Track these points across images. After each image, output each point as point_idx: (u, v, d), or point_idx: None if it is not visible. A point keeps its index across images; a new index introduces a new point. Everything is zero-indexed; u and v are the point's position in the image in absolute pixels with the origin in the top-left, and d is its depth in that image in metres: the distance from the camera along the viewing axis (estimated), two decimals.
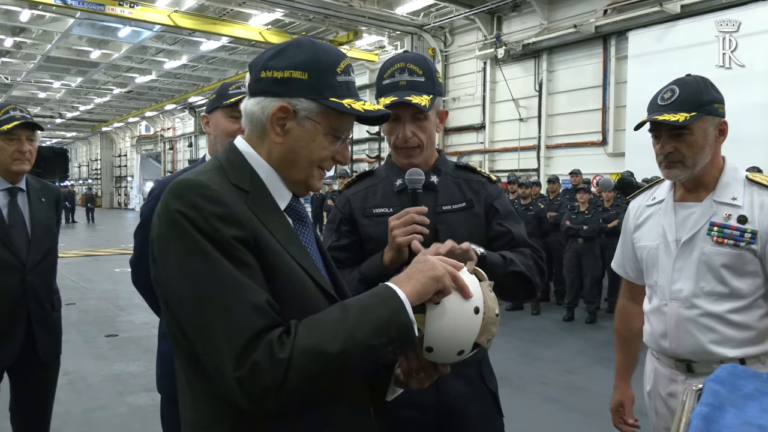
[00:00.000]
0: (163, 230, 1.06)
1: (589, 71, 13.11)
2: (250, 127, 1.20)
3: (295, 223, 1.23)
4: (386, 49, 17.78)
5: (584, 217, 7.73)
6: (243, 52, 20.43)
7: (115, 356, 5.97)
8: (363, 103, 1.20)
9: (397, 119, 1.73)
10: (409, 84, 1.72)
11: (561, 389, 5.15)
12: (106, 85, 27.35)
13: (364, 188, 1.87)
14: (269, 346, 0.97)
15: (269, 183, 1.18)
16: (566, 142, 13.67)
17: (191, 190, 1.06)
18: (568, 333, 7.21)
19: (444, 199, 1.80)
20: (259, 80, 1.17)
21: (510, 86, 14.52)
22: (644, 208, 2.05)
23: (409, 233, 1.58)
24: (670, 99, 1.83)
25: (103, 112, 35.72)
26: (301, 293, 1.11)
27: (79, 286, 10.07)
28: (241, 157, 1.18)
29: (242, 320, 0.99)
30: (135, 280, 2.27)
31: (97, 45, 20.49)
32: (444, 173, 1.84)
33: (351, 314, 1.03)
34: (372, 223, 1.79)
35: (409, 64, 1.74)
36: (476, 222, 1.80)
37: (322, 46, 1.19)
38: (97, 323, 7.38)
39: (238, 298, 1.00)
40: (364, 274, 1.69)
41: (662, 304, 1.92)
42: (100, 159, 45.03)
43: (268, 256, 1.07)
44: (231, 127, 2.14)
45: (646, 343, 2.06)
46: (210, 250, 1.01)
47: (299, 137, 1.16)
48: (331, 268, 1.31)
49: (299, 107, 1.15)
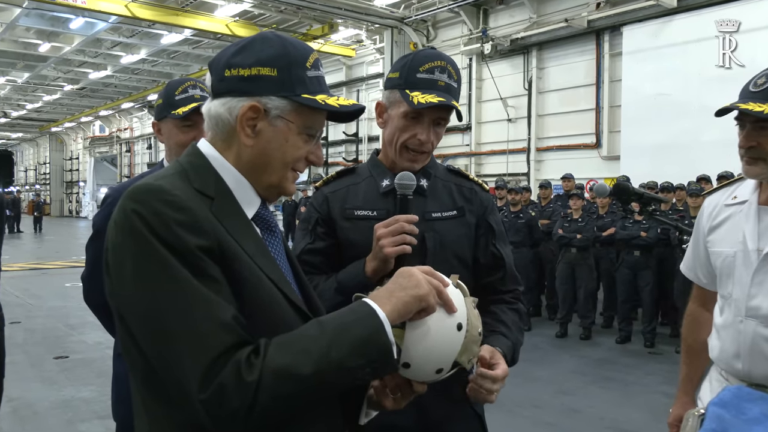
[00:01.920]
0: (119, 239, 1.05)
1: (582, 68, 13.31)
2: (215, 130, 1.19)
3: (263, 232, 1.23)
4: (364, 43, 17.86)
5: (578, 225, 7.81)
6: (208, 46, 20.34)
7: (65, 380, 5.85)
8: (336, 98, 1.21)
9: (417, 118, 1.71)
10: (447, 87, 1.71)
11: (555, 412, 5.16)
12: (57, 81, 27.01)
13: (345, 187, 1.84)
14: (236, 367, 0.97)
15: (236, 189, 1.17)
16: (558, 145, 13.83)
17: (151, 195, 1.05)
18: (561, 350, 7.25)
19: (433, 205, 1.79)
20: (222, 79, 1.17)
21: (497, 84, 14.66)
22: (722, 208, 1.95)
23: (398, 243, 1.58)
24: (763, 86, 1.72)
25: (53, 110, 35.24)
26: (271, 307, 1.11)
27: (24, 303, 9.88)
28: (205, 161, 1.17)
29: (207, 338, 0.98)
30: (87, 297, 2.23)
31: (47, 37, 20.23)
32: (434, 177, 1.83)
33: (326, 333, 1.03)
34: (352, 226, 1.76)
35: (449, 66, 1.74)
36: (466, 231, 1.80)
37: (290, 40, 1.19)
38: (45, 344, 7.24)
39: (202, 314, 0.99)
40: (342, 283, 1.67)
41: (737, 320, 1.84)
42: (48, 162, 44.37)
43: (235, 268, 1.06)
44: (185, 138, 2.15)
45: (713, 360, 1.99)
46: (171, 260, 1.00)
47: (271, 138, 1.16)
48: (302, 281, 1.31)
49: (270, 106, 1.15)
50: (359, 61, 18.85)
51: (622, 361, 6.70)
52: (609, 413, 5.09)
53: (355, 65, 19.13)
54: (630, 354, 7.02)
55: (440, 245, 1.75)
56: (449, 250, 1.76)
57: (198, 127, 2.13)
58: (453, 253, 1.76)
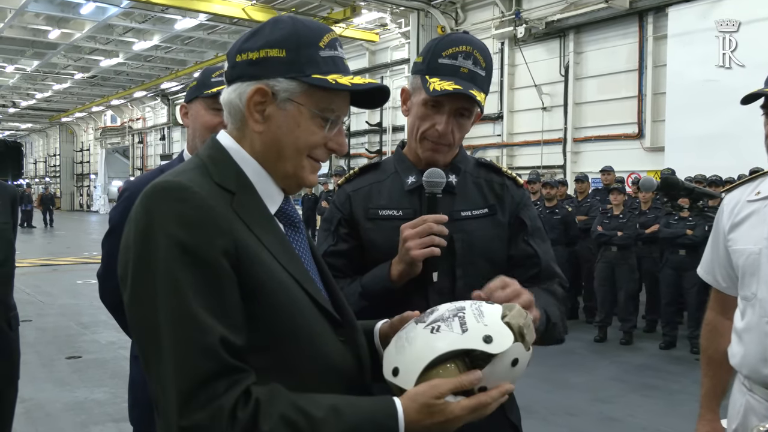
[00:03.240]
0: (130, 237, 1.08)
1: (623, 53, 13.11)
2: (230, 119, 1.21)
3: (287, 228, 1.24)
4: (388, 27, 17.81)
5: (618, 222, 7.73)
6: (223, 32, 20.46)
7: (77, 381, 5.97)
8: (351, 77, 1.20)
9: (437, 106, 1.69)
10: (471, 75, 1.68)
11: (592, 421, 5.13)
12: (67, 70, 27.37)
13: (368, 184, 1.83)
14: (218, 414, 0.98)
15: (257, 182, 1.19)
16: (596, 135, 13.66)
17: (168, 193, 1.07)
18: (600, 356, 7.19)
19: (463, 204, 1.77)
20: (234, 65, 1.19)
21: (531, 70, 14.52)
22: (744, 204, 1.94)
23: (426, 245, 1.57)
24: None
25: (63, 100, 35.76)
26: (291, 310, 1.12)
27: (36, 301, 10.07)
28: (225, 153, 1.19)
29: (189, 362, 0.99)
30: (103, 295, 2.27)
31: (57, 23, 20.53)
32: (463, 172, 1.81)
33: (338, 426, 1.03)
34: (376, 227, 1.75)
35: (476, 51, 1.70)
36: (498, 232, 1.78)
37: (302, 21, 1.20)
38: (57, 343, 7.38)
39: (187, 335, 1.00)
40: (367, 287, 1.67)
41: (762, 321, 1.82)
42: (59, 154, 45.09)
43: (252, 269, 1.08)
44: (212, 121, 2.17)
45: (735, 367, 1.96)
46: (172, 267, 1.02)
47: (282, 123, 1.17)
48: (328, 280, 1.32)
49: (278, 88, 1.16)
50: (383, 46, 18.80)
51: (666, 368, 6.63)
52: (652, 423, 5.05)
53: (378, 51, 19.09)
54: (674, 360, 6.94)
55: (470, 247, 1.73)
56: (479, 251, 1.74)
57: None
58: (483, 255, 1.74)
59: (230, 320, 1.04)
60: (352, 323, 1.29)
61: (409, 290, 1.64)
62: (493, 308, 1.20)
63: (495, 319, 1.17)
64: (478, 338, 1.14)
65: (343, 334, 1.22)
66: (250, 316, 1.07)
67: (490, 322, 1.16)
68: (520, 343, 1.16)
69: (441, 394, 1.10)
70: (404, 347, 1.19)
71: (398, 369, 1.17)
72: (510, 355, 1.15)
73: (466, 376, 1.12)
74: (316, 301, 1.17)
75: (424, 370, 1.14)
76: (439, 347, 1.14)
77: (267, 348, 1.09)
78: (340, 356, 1.20)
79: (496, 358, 1.14)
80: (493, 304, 1.22)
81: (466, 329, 1.15)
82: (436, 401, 1.10)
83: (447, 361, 1.14)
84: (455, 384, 1.11)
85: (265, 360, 1.08)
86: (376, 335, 1.37)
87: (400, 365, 1.17)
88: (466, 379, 1.11)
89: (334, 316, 1.21)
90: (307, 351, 1.14)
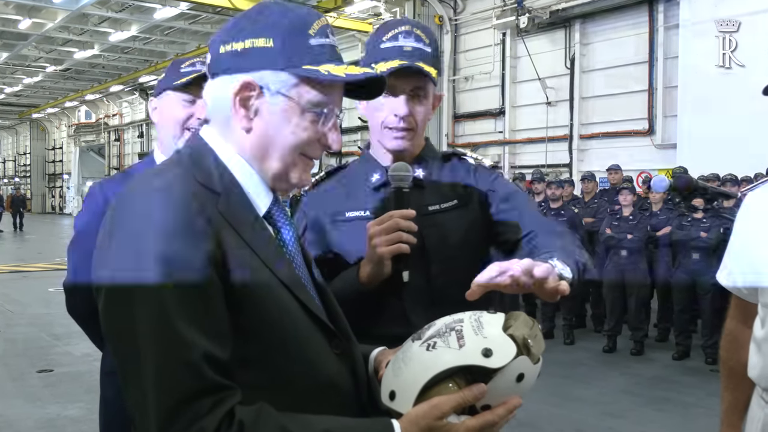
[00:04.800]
0: (105, 241, 1.06)
1: (632, 43, 13.18)
2: (214, 115, 1.20)
3: (276, 231, 1.23)
4: (382, 17, 17.82)
5: (628, 224, 7.74)
6: (206, 21, 20.45)
7: (49, 396, 5.93)
8: (345, 67, 1.19)
9: (390, 92, 1.72)
10: (416, 51, 1.72)
11: None
12: (38, 62, 27.33)
13: (333, 187, 1.86)
14: None
15: (245, 182, 1.18)
16: (604, 131, 13.72)
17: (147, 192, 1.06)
18: (609, 367, 7.19)
19: (432, 197, 1.78)
20: (218, 57, 1.18)
21: (535, 62, 14.56)
22: None
23: (394, 242, 1.57)
24: None
25: (34, 95, 35.70)
26: (282, 320, 1.11)
27: (4, 310, 10.03)
28: (209, 150, 1.18)
29: (171, 378, 0.98)
30: (71, 308, 2.23)
31: (27, 12, 20.48)
32: (431, 164, 1.84)
33: None
34: (344, 231, 1.76)
35: (416, 29, 1.76)
36: (471, 221, 1.78)
37: (290, 7, 1.19)
38: (27, 355, 7.34)
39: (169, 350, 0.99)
40: (336, 292, 1.67)
41: None
42: (29, 153, 44.98)
43: (240, 276, 1.07)
44: (183, 114, 2.15)
45: (753, 380, 1.95)
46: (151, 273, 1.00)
47: (271, 119, 1.16)
48: (322, 286, 1.31)
49: (266, 81, 1.15)
50: None
51: (680, 380, 6.63)
52: None
53: None
54: (689, 372, 6.94)
55: (443, 241, 1.74)
56: (455, 245, 1.75)
57: (199, 105, 2.15)
58: (458, 249, 1.74)
59: (215, 333, 1.02)
60: (348, 334, 1.28)
61: (384, 293, 1.64)
62: (495, 318, 1.17)
63: (496, 331, 1.13)
64: (477, 352, 1.11)
65: (337, 345, 1.21)
66: (236, 327, 1.06)
67: (490, 334, 1.13)
68: (525, 357, 1.12)
69: (443, 413, 1.08)
70: (400, 369, 1.16)
71: (395, 393, 1.15)
72: (514, 370, 1.11)
73: (469, 391, 1.09)
74: (309, 310, 1.16)
75: (421, 391, 1.11)
76: (434, 366, 1.12)
77: (255, 362, 1.08)
78: (334, 370, 1.18)
79: (498, 374, 1.10)
80: (495, 314, 1.18)
81: (463, 344, 1.12)
82: (438, 423, 1.08)
83: (446, 380, 1.12)
84: (458, 400, 1.09)
85: (253, 375, 1.07)
86: (371, 363, 1.34)
87: (396, 388, 1.15)
88: (469, 394, 1.09)
89: (327, 326, 1.20)
90: (298, 364, 1.12)
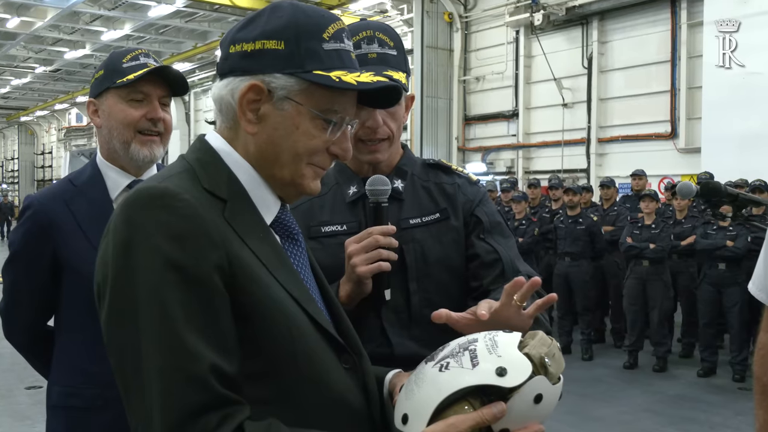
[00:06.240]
0: (110, 252, 1.07)
1: (654, 42, 13.16)
2: (220, 117, 1.22)
3: (284, 241, 1.25)
4: (389, 14, 17.87)
5: (650, 233, 7.72)
6: (203, 19, 20.53)
7: (38, 414, 5.90)
8: (358, 74, 1.20)
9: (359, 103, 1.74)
10: (381, 57, 1.73)
11: None
12: (27, 63, 27.45)
13: (308, 200, 1.84)
14: None
15: (252, 189, 1.19)
16: (624, 135, 13.69)
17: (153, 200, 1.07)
18: (630, 385, 7.17)
19: (412, 211, 1.80)
20: (227, 57, 1.20)
21: (550, 62, 14.56)
22: None
23: (374, 260, 1.57)
24: None
25: (23, 97, 35.85)
26: (291, 334, 1.12)
27: None
28: (215, 155, 1.19)
29: (175, 394, 0.99)
30: (9, 334, 2.15)
31: (15, 11, 20.58)
32: (410, 176, 1.85)
33: None
34: (321, 246, 1.76)
35: (378, 33, 1.76)
36: (452, 237, 1.80)
37: (303, 9, 1.20)
38: (15, 371, 7.33)
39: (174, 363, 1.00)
40: None
41: None
42: (17, 158, 45.12)
43: (248, 287, 1.08)
44: (133, 114, 2.02)
45: None
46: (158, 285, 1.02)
47: (278, 124, 1.17)
48: (331, 299, 1.32)
49: (275, 85, 1.16)
50: None
51: (706, 399, 6.61)
52: None
53: None
54: (715, 390, 6.92)
55: (423, 257, 1.76)
56: (434, 261, 1.77)
57: (151, 103, 2.04)
58: (440, 265, 1.76)
59: (223, 346, 1.03)
60: (358, 349, 1.29)
61: (363, 311, 1.65)
62: (510, 337, 1.17)
63: (511, 350, 1.14)
64: (491, 372, 1.11)
65: (347, 360, 1.22)
66: (244, 340, 1.07)
67: (505, 353, 1.13)
68: (542, 376, 1.12)
69: None
70: (413, 391, 1.17)
71: (407, 416, 1.16)
72: (531, 390, 1.11)
73: (488, 409, 1.09)
74: (318, 323, 1.17)
75: (434, 413, 1.12)
76: (447, 387, 1.12)
77: (263, 376, 1.09)
78: (344, 385, 1.19)
79: (515, 394, 1.11)
80: (510, 333, 1.19)
81: (476, 363, 1.12)
82: None
83: (461, 402, 1.12)
84: (476, 419, 1.08)
85: (261, 390, 1.08)
86: (386, 386, 1.35)
87: (409, 411, 1.16)
88: (488, 413, 1.09)
89: (337, 341, 1.21)
90: (307, 380, 1.14)
